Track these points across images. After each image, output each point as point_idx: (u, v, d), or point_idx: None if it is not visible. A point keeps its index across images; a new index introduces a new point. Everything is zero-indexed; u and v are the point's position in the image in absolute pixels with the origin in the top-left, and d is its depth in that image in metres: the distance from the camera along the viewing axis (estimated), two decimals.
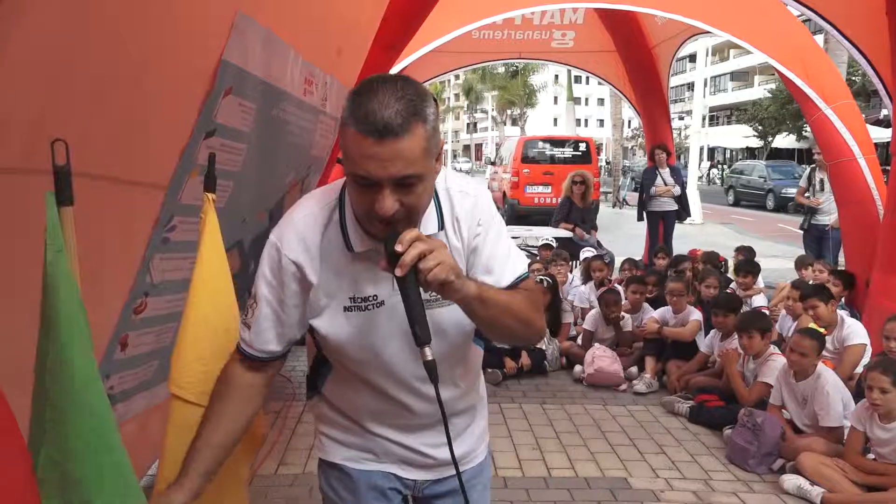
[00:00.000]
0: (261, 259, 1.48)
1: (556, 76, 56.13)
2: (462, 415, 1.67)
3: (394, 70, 6.04)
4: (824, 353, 4.34)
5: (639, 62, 9.70)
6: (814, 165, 8.02)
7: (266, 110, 2.25)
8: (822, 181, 7.70)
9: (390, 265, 1.28)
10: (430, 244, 1.28)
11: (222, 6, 1.87)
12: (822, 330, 4.42)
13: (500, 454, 4.08)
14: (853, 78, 25.19)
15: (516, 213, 15.67)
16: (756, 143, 41.66)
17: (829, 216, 7.55)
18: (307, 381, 1.72)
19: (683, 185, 9.44)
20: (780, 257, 11.26)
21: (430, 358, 1.32)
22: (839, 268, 7.09)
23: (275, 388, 5.12)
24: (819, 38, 11.55)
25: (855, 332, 4.91)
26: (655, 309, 6.00)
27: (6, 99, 1.31)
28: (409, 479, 1.67)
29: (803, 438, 3.98)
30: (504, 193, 17.57)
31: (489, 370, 5.46)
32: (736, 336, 4.83)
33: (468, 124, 76.75)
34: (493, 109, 56.68)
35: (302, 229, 1.45)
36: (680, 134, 37.48)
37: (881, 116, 26.72)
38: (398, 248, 1.26)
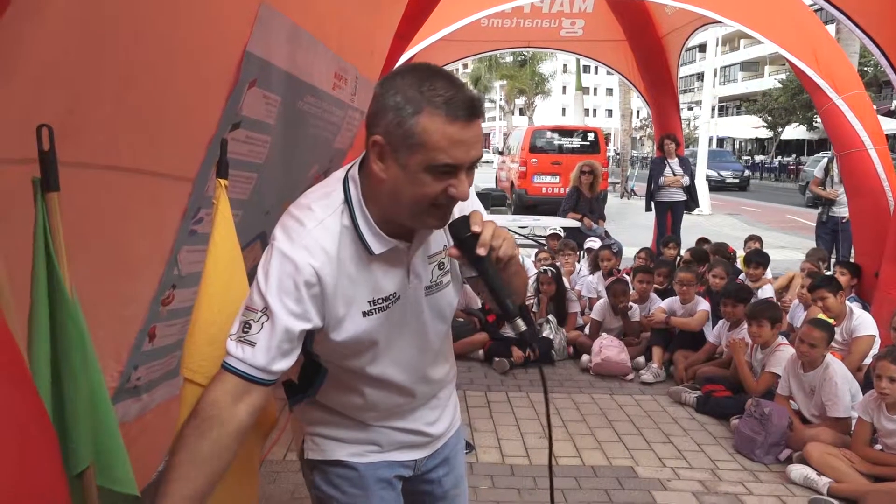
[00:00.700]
0: (267, 272, 1.34)
1: (565, 65, 55.90)
2: (449, 385, 1.74)
3: (403, 59, 6.03)
4: (833, 343, 4.34)
5: (648, 52, 9.64)
6: (832, 156, 7.96)
7: (291, 103, 2.26)
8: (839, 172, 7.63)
9: (464, 248, 1.31)
10: (492, 223, 1.32)
11: None
12: (831, 321, 4.41)
13: (507, 442, 4.10)
14: (865, 68, 25.00)
15: (524, 203, 15.65)
16: (766, 133, 41.44)
17: (846, 208, 7.49)
18: (289, 388, 1.61)
19: (692, 176, 9.41)
20: (788, 248, 11.23)
21: (523, 329, 1.33)
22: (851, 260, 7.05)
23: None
24: (831, 28, 11.46)
25: (864, 323, 4.90)
26: (663, 299, 6.00)
27: (30, 95, 1.32)
28: (410, 460, 1.68)
29: (810, 429, 3.98)
30: (512, 183, 17.54)
31: (497, 359, 5.48)
32: (744, 326, 4.83)
33: None
34: (501, 99, 56.51)
35: (319, 239, 1.35)
36: (689, 124, 37.30)
37: (893, 107, 26.57)
38: (476, 228, 1.30)
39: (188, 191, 1.96)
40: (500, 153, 21.48)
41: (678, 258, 7.47)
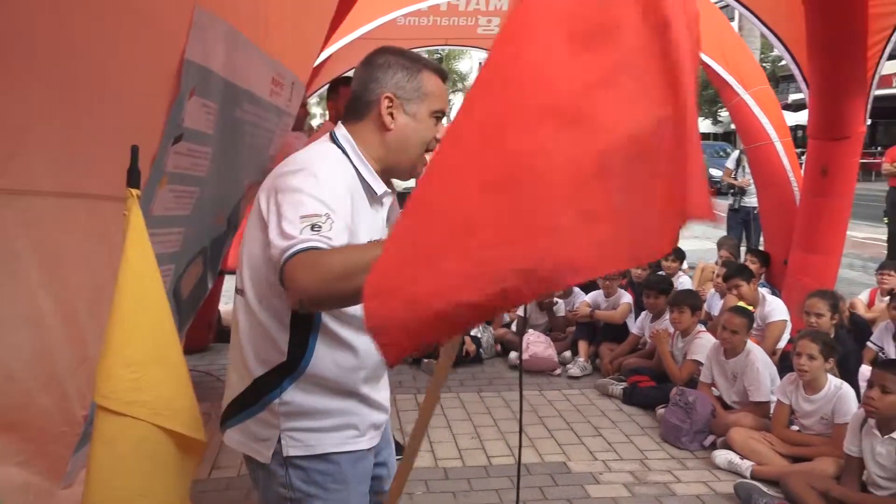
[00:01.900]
0: (317, 181, 1.44)
1: (481, 63, 56.33)
2: None
3: (319, 59, 5.90)
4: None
5: None
6: (743, 147, 8.27)
7: (228, 111, 2.14)
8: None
9: None
10: None
11: (180, 2, 1.76)
12: (750, 308, 4.58)
13: (439, 445, 4.06)
14: (763, 64, 26.22)
15: None
16: None
17: (756, 198, 7.80)
18: (277, 372, 1.57)
19: None
20: (699, 237, 11.62)
21: None
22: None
23: (203, 387, 4.96)
24: (732, 25, 11.91)
25: (776, 308, 5.11)
26: (587, 293, 6.09)
27: None
28: (375, 446, 1.73)
29: (732, 414, 4.11)
30: None
31: (426, 360, 5.43)
32: (666, 317, 4.95)
33: None
34: None
35: (343, 170, 1.55)
36: None
37: (789, 101, 28.00)
38: None
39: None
40: None
41: None
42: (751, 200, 7.83)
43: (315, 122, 7.41)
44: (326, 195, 1.43)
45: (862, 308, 5.89)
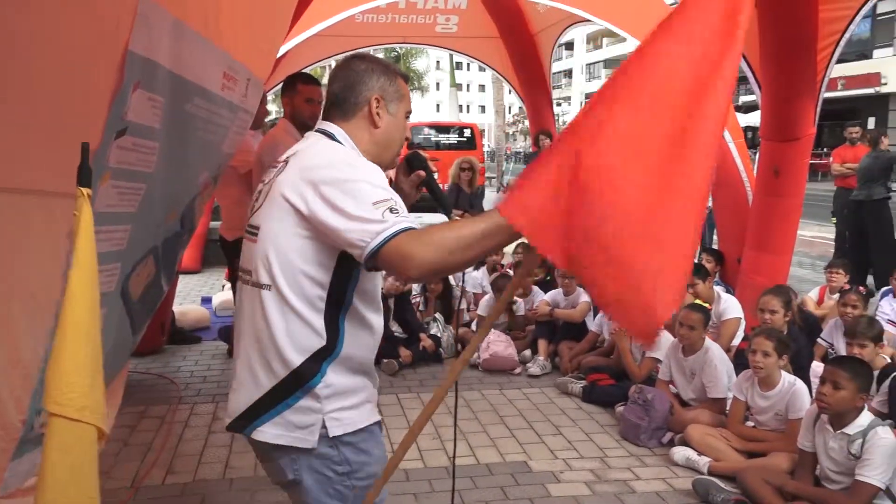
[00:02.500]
0: (366, 175, 1.59)
1: (438, 62, 56.36)
2: None
3: (278, 54, 5.80)
4: None
5: (522, 49, 9.82)
6: None
7: (177, 105, 2.06)
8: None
9: (427, 171, 1.91)
10: None
11: None
12: (706, 305, 4.65)
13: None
14: None
15: None
16: None
17: (709, 198, 7.95)
18: (319, 355, 1.65)
19: None
20: None
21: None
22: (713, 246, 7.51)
23: (157, 390, 4.84)
24: None
25: (731, 306, 5.20)
26: (546, 292, 6.12)
27: None
28: None
29: (690, 411, 4.16)
30: (390, 180, 17.43)
31: (385, 360, 5.39)
32: None
33: None
34: None
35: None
36: (558, 119, 38.67)
37: (739, 103, 28.63)
38: (426, 154, 1.91)
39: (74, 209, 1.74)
40: None
41: None
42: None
43: (269, 119, 7.20)
44: (378, 181, 1.58)
45: (812, 305, 6.05)
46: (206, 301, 7.36)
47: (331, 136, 1.75)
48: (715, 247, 7.09)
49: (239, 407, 1.72)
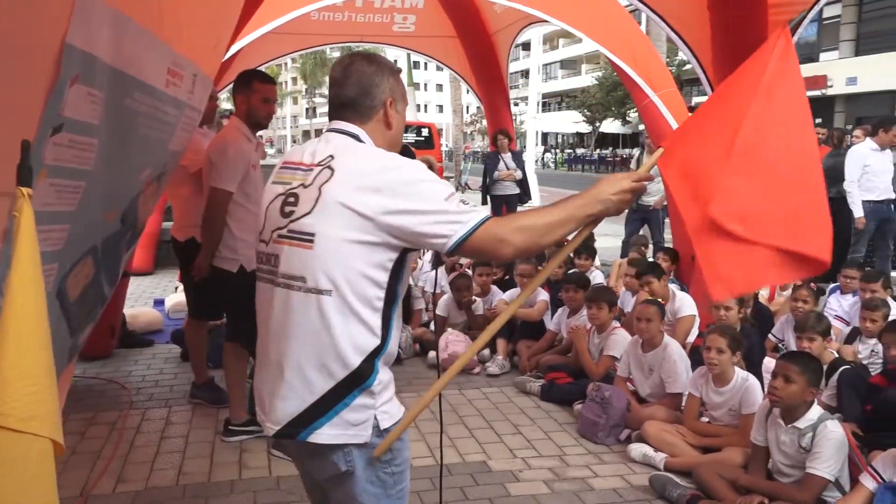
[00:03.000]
0: (424, 172, 1.71)
1: (396, 61, 56.15)
2: None
3: (230, 53, 5.70)
4: None
5: (479, 48, 9.84)
6: (642, 150, 8.56)
7: (116, 100, 1.99)
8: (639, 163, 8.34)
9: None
10: None
11: None
12: (660, 300, 4.72)
13: None
14: (669, 68, 27.30)
15: None
16: (585, 128, 44.09)
17: (653, 197, 8.08)
18: (368, 363, 1.72)
19: (524, 170, 9.75)
20: (610, 235, 11.92)
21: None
22: (667, 245, 7.62)
23: (107, 395, 4.71)
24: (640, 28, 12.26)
25: (685, 304, 5.28)
26: (504, 291, 6.13)
27: None
28: None
29: (646, 408, 4.21)
30: None
31: None
32: (583, 313, 5.04)
33: (307, 109, 75.11)
34: None
35: None
36: (516, 119, 38.92)
37: (692, 104, 29.18)
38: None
39: (7, 207, 1.66)
40: None
41: None
42: (647, 199, 8.11)
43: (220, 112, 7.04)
44: (430, 175, 1.72)
45: (763, 302, 6.17)
46: (159, 303, 7.20)
47: (356, 138, 1.81)
48: (669, 245, 7.20)
49: (289, 413, 1.73)
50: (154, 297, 7.63)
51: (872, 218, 7.38)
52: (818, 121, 24.99)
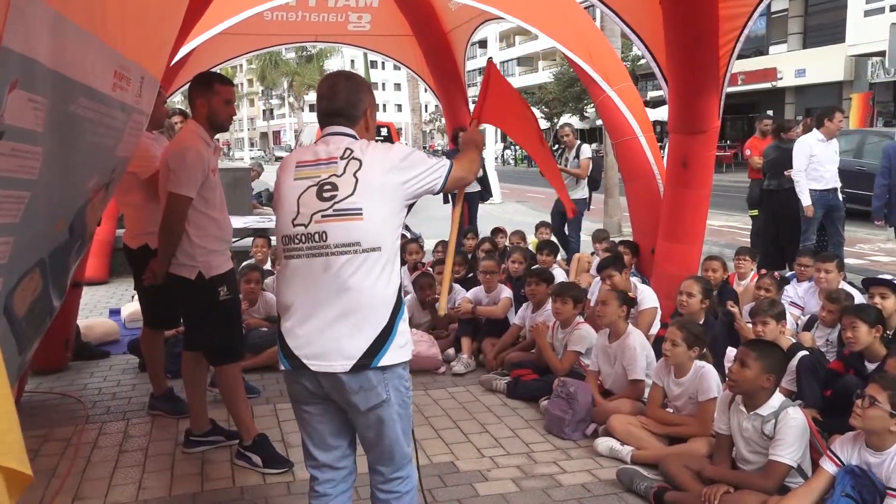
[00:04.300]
0: (408, 150, 2.38)
1: (353, 61, 55.86)
2: None
3: (182, 53, 5.57)
4: None
5: (435, 47, 9.80)
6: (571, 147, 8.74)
7: (60, 106, 1.90)
8: (566, 161, 8.66)
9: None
10: None
11: None
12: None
13: None
14: (624, 63, 27.63)
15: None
16: (544, 124, 44.37)
17: (570, 193, 8.25)
18: (398, 303, 2.29)
19: (484, 167, 9.75)
20: None
21: None
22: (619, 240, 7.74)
23: (61, 410, 4.56)
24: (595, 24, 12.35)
25: (647, 296, 5.33)
26: (467, 290, 6.11)
27: None
28: None
29: (611, 402, 4.23)
30: None
31: None
32: (547, 308, 5.05)
33: (264, 111, 74.27)
34: (289, 95, 55.25)
35: None
36: None
37: (647, 98, 29.59)
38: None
39: None
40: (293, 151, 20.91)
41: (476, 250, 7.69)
42: (573, 194, 8.28)
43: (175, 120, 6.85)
44: (413, 148, 2.44)
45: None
46: (115, 313, 7.02)
47: (354, 137, 2.36)
48: (630, 238, 7.27)
49: (361, 347, 2.20)
50: (109, 306, 7.44)
51: (819, 206, 7.54)
52: (769, 112, 25.59)
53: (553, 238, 8.10)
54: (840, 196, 7.74)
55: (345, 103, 2.36)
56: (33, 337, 2.20)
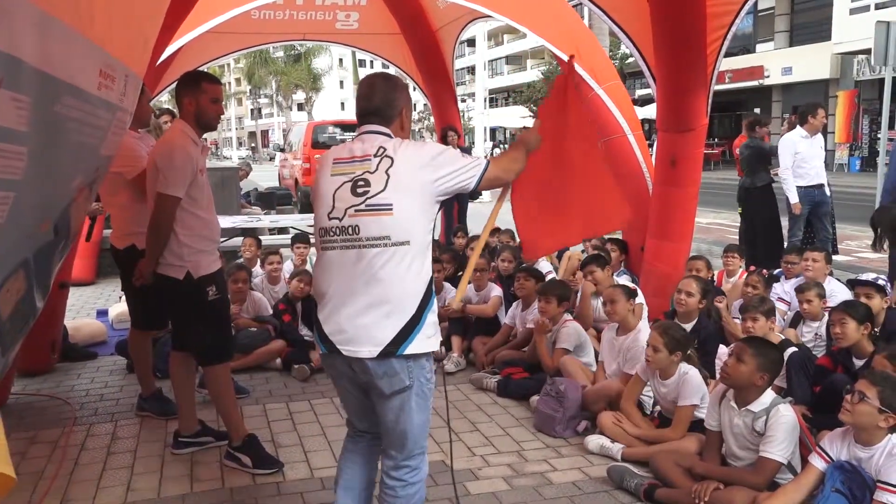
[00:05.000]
0: (440, 148, 2.46)
1: (341, 60, 55.79)
2: None
3: (168, 52, 5.53)
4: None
5: (424, 45, 9.78)
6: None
7: (45, 105, 1.88)
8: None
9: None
10: None
11: None
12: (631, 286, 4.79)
13: (315, 454, 3.91)
14: (612, 61, 27.70)
15: (309, 200, 15.30)
16: (532, 123, 44.43)
17: None
18: (428, 296, 2.41)
19: None
20: None
21: None
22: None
23: (49, 412, 4.52)
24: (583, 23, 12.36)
25: None
26: (456, 287, 6.10)
27: None
28: None
29: (599, 383, 4.25)
30: (296, 181, 17.11)
31: (296, 366, 5.24)
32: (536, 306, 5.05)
33: (252, 110, 73.98)
34: (277, 94, 55.03)
35: None
36: (464, 116, 39.02)
37: (636, 96, 29.69)
38: None
39: None
40: (282, 150, 20.89)
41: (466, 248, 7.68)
42: None
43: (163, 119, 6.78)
44: (445, 147, 2.52)
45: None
46: (102, 314, 6.97)
47: (388, 136, 2.48)
48: (619, 236, 7.28)
49: (388, 336, 2.33)
50: (97, 307, 7.39)
51: (805, 203, 7.59)
52: (756, 110, 25.75)
53: None
54: (828, 191, 7.79)
55: (381, 103, 2.49)
56: (17, 338, 2.18)
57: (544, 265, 6.57)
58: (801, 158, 7.56)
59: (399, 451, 2.53)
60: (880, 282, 4.60)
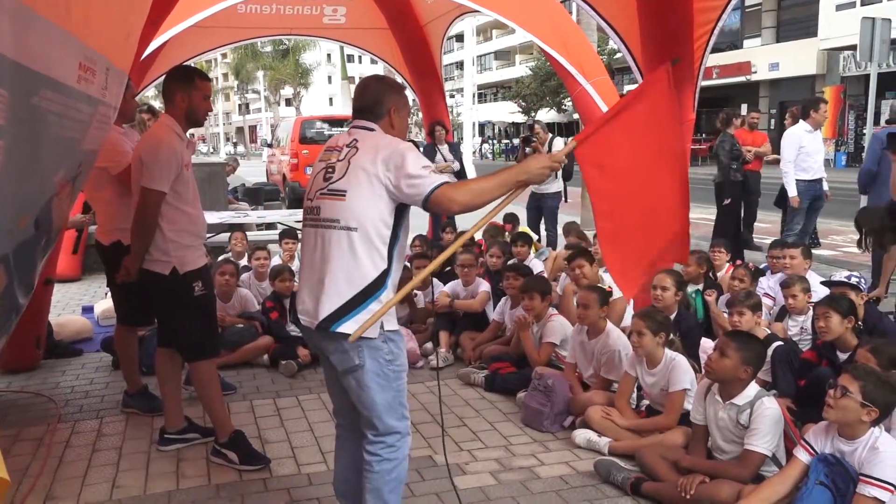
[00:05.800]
0: (407, 151, 2.47)
1: (329, 55, 55.57)
2: None
3: (153, 46, 5.49)
4: None
5: (411, 40, 9.75)
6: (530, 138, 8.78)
7: (23, 98, 1.85)
8: (532, 152, 8.60)
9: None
10: None
11: None
12: (605, 287, 4.76)
13: (302, 450, 3.91)
14: (600, 56, 27.74)
15: (298, 196, 15.24)
16: (522, 118, 44.48)
17: (546, 187, 8.27)
18: (380, 280, 2.49)
19: (462, 161, 9.74)
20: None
21: None
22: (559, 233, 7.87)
23: (34, 409, 4.49)
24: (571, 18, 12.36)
25: (616, 288, 5.33)
26: (445, 283, 6.10)
27: None
28: None
29: (587, 394, 4.24)
30: (284, 176, 17.04)
31: (283, 362, 5.23)
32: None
33: (240, 105, 73.61)
34: (265, 90, 54.76)
35: None
36: (452, 111, 38.96)
37: (624, 92, 29.77)
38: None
39: None
40: (269, 146, 20.79)
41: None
42: (541, 188, 8.28)
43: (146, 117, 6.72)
44: (417, 153, 2.50)
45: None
46: (88, 310, 6.93)
47: (370, 129, 2.62)
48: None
49: (326, 311, 2.49)
50: (82, 304, 7.34)
51: (806, 196, 7.64)
52: (744, 106, 25.85)
53: (528, 230, 8.11)
54: (825, 186, 7.87)
55: (370, 101, 2.67)
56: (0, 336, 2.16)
57: (536, 264, 6.57)
58: (805, 152, 7.61)
59: (370, 429, 2.65)
60: (853, 280, 4.64)
